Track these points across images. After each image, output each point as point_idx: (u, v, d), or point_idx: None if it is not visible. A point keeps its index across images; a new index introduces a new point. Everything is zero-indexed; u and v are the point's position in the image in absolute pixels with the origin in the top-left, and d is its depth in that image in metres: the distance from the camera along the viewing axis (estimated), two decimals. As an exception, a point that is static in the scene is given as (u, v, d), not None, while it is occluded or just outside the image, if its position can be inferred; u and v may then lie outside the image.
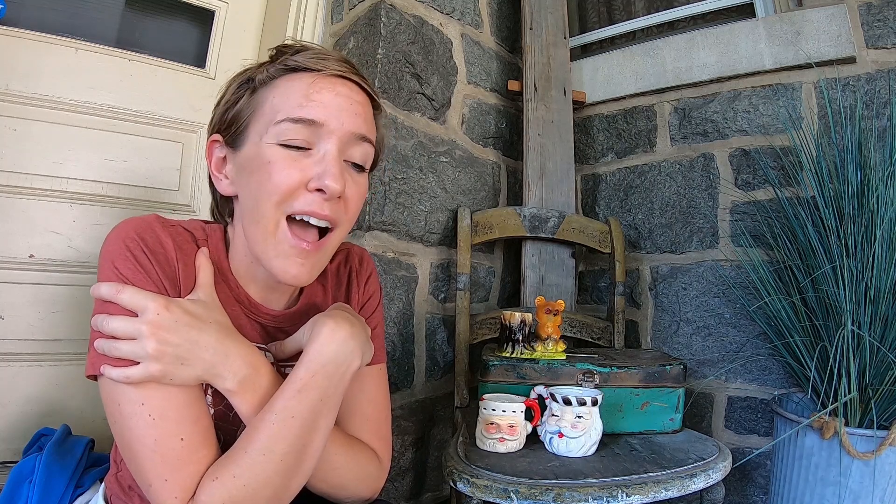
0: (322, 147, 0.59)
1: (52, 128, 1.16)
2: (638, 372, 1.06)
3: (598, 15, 1.89)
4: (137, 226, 0.58)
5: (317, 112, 0.58)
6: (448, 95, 1.47)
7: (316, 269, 0.62)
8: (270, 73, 0.61)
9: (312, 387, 0.55)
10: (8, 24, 1.13)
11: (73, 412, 1.15)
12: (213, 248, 0.64)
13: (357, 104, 0.61)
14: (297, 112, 0.57)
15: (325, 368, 0.57)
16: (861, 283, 1.08)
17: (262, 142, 0.59)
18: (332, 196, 0.58)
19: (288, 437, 0.53)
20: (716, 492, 0.94)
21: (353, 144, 0.61)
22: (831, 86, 1.32)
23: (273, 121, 0.58)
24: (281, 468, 0.53)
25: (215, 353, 0.55)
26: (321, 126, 0.58)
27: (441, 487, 1.40)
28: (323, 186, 0.57)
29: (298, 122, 0.57)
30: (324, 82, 0.59)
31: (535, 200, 1.53)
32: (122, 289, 0.53)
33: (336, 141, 0.59)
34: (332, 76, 0.60)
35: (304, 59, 0.60)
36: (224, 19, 1.43)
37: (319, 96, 0.58)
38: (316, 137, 0.58)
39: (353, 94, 0.61)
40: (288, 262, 0.58)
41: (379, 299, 0.81)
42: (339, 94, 0.59)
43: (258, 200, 0.58)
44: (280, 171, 0.57)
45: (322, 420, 0.57)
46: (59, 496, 0.72)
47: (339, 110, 0.59)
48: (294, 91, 0.59)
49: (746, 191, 1.42)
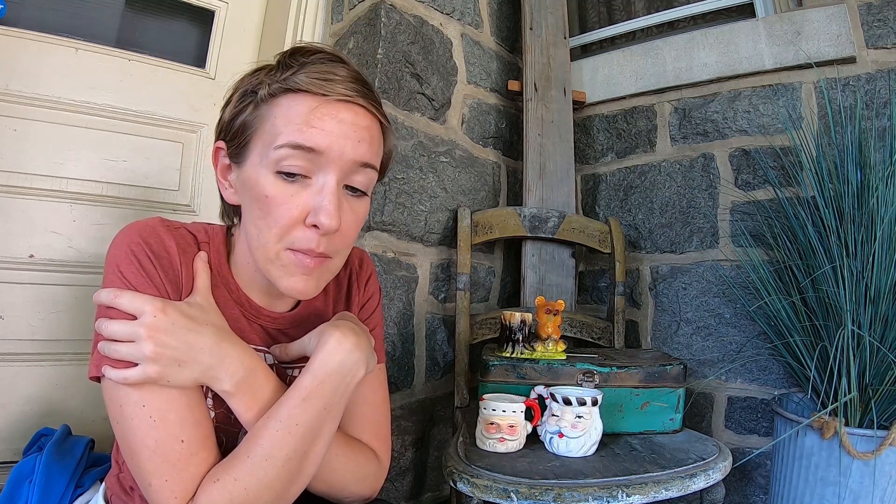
0: (321, 178, 0.57)
1: (52, 128, 1.16)
2: (638, 372, 1.06)
3: (598, 15, 1.89)
4: (142, 230, 0.58)
5: (317, 140, 0.55)
6: (448, 95, 1.47)
7: (322, 281, 0.62)
8: (273, 90, 0.58)
9: (317, 395, 0.56)
10: (8, 24, 1.13)
11: (73, 412, 1.15)
12: (215, 251, 0.64)
13: (362, 130, 0.59)
14: (297, 138, 0.55)
15: (331, 378, 0.57)
16: (861, 283, 1.08)
17: (261, 166, 0.57)
18: (328, 232, 0.57)
19: (291, 444, 0.54)
20: (716, 492, 0.94)
21: (354, 172, 0.59)
22: (831, 86, 1.32)
23: (273, 144, 0.56)
24: (282, 473, 0.54)
25: (212, 355, 0.55)
26: (321, 154, 0.56)
27: (441, 487, 1.40)
28: (317, 223, 0.56)
29: (298, 149, 0.55)
30: (326, 108, 0.56)
31: (535, 200, 1.53)
32: (119, 293, 0.54)
33: (336, 171, 0.57)
34: (336, 101, 0.57)
35: (308, 80, 0.57)
36: (224, 19, 1.43)
37: (321, 123, 0.56)
38: (315, 166, 0.57)
39: (359, 118, 0.59)
40: (294, 280, 0.59)
41: (378, 300, 0.81)
42: (342, 122, 0.57)
43: (259, 230, 0.58)
44: (278, 207, 0.56)
45: (325, 428, 0.57)
46: (59, 496, 0.72)
47: (341, 138, 0.57)
48: (295, 115, 0.56)
49: (746, 191, 1.42)
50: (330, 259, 0.61)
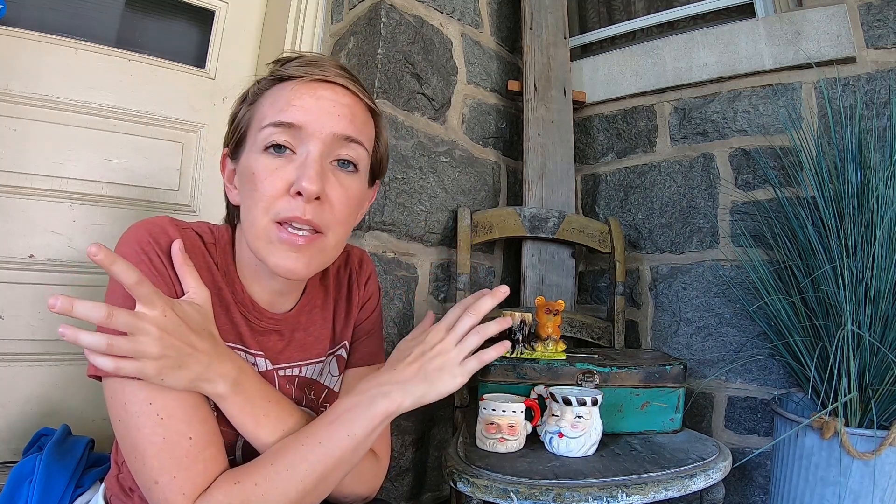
0: (303, 150, 0.59)
1: (52, 128, 1.16)
2: (638, 372, 1.06)
3: (598, 15, 1.89)
4: (151, 229, 0.59)
5: (296, 115, 0.59)
6: (448, 95, 1.47)
7: (314, 263, 0.61)
8: (262, 86, 0.63)
9: (345, 421, 0.58)
10: (8, 24, 1.13)
11: (73, 412, 1.15)
12: (221, 251, 0.65)
13: (342, 106, 0.61)
14: (278, 116, 0.59)
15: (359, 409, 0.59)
16: (861, 283, 1.08)
17: (251, 151, 0.61)
18: (310, 197, 0.57)
19: (311, 462, 0.55)
20: (716, 492, 0.94)
21: (339, 146, 0.61)
22: (831, 86, 1.32)
23: (259, 127, 0.60)
24: (300, 486, 0.55)
25: (210, 358, 0.55)
26: (301, 129, 0.59)
27: (441, 487, 1.40)
28: (300, 189, 0.57)
29: (279, 126, 0.59)
30: (305, 87, 0.60)
31: (535, 200, 1.53)
32: (143, 280, 0.51)
33: (318, 143, 0.59)
34: (314, 80, 0.61)
35: (291, 67, 0.62)
36: (224, 19, 1.43)
37: (300, 101, 0.59)
38: (298, 141, 0.59)
39: (338, 96, 0.61)
40: (281, 257, 0.58)
41: (378, 299, 0.81)
42: (320, 98, 0.60)
43: (250, 209, 0.60)
44: (263, 181, 0.58)
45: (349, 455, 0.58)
46: (59, 496, 0.72)
47: (320, 113, 0.59)
48: (279, 98, 0.60)
49: (746, 191, 1.42)
50: (322, 236, 0.60)
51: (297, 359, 0.70)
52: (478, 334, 0.62)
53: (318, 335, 0.72)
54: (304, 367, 0.71)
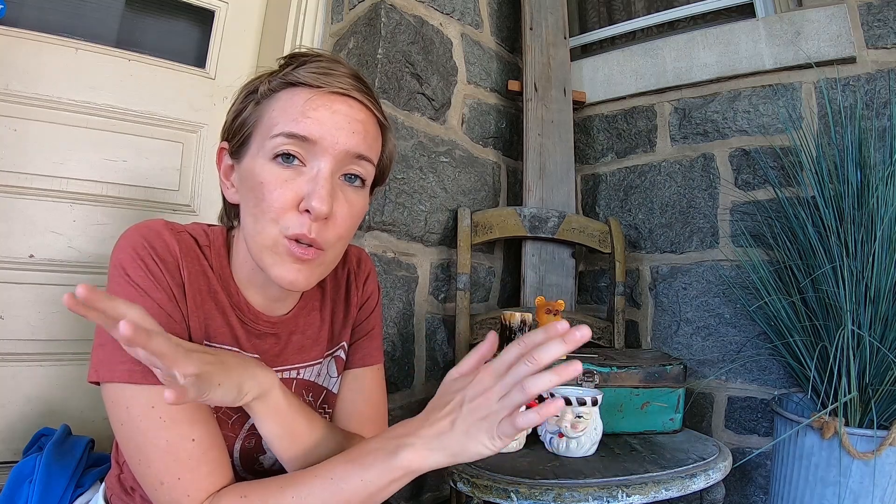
0: (315, 165, 0.58)
1: (52, 128, 1.16)
2: (638, 372, 1.06)
3: (598, 15, 1.89)
4: (146, 233, 0.58)
5: (311, 129, 0.56)
6: (448, 95, 1.47)
7: (315, 275, 0.61)
8: (272, 86, 0.60)
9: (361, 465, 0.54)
10: (8, 24, 1.13)
11: (73, 412, 1.15)
12: (216, 253, 0.64)
13: (356, 122, 0.59)
14: (292, 127, 0.56)
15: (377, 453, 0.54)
16: (861, 283, 1.08)
17: (258, 156, 0.59)
18: (319, 217, 0.57)
19: (318, 496, 0.53)
20: (716, 492, 0.94)
21: (349, 162, 0.60)
22: (831, 86, 1.32)
23: (269, 135, 0.58)
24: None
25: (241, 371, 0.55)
26: (314, 144, 0.57)
27: (441, 487, 1.40)
28: (309, 207, 0.56)
29: (292, 138, 0.56)
30: (321, 99, 0.58)
31: (535, 200, 1.53)
32: None
33: (330, 160, 0.58)
34: (331, 94, 0.59)
35: (306, 73, 0.59)
36: (224, 19, 1.43)
37: (315, 113, 0.57)
38: (310, 155, 0.58)
39: (354, 112, 0.60)
40: (285, 269, 0.58)
41: (377, 299, 0.80)
42: (335, 112, 0.58)
43: (255, 218, 0.58)
44: (272, 192, 0.57)
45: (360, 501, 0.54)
46: (59, 496, 0.72)
47: (334, 129, 0.57)
48: (291, 106, 0.58)
49: (746, 191, 1.42)
50: (323, 252, 0.60)
51: (295, 361, 0.69)
52: (523, 392, 0.48)
53: (315, 337, 0.72)
54: (302, 369, 0.70)
